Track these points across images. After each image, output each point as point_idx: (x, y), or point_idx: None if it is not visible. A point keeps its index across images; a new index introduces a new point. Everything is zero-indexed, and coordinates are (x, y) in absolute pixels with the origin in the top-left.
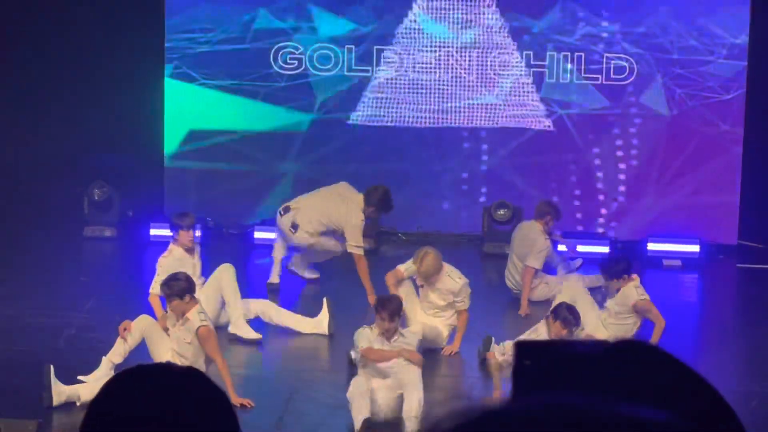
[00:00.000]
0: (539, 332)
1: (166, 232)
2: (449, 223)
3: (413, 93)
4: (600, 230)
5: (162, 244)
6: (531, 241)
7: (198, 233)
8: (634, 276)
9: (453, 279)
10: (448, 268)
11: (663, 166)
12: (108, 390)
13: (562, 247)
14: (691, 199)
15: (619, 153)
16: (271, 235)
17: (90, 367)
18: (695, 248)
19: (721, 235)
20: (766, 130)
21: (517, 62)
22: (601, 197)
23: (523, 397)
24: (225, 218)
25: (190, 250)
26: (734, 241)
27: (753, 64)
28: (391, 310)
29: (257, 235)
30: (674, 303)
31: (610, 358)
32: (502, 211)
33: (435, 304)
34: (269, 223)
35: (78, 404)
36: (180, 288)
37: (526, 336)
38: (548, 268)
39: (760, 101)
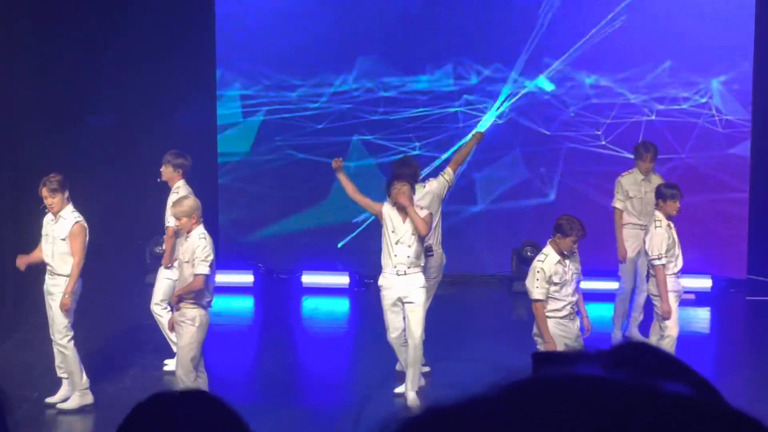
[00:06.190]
0: (547, 254)
1: (222, 277)
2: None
3: None
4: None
5: (218, 289)
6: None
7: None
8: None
9: None
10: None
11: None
12: (130, 421)
13: None
14: (702, 236)
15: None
16: (319, 279)
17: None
18: (707, 283)
19: (731, 270)
20: None
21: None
22: None
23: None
24: (276, 263)
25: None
26: (744, 275)
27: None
28: None
29: (305, 279)
30: (690, 335)
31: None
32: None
33: None
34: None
35: None
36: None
37: (536, 262)
38: None
39: (764, 131)
